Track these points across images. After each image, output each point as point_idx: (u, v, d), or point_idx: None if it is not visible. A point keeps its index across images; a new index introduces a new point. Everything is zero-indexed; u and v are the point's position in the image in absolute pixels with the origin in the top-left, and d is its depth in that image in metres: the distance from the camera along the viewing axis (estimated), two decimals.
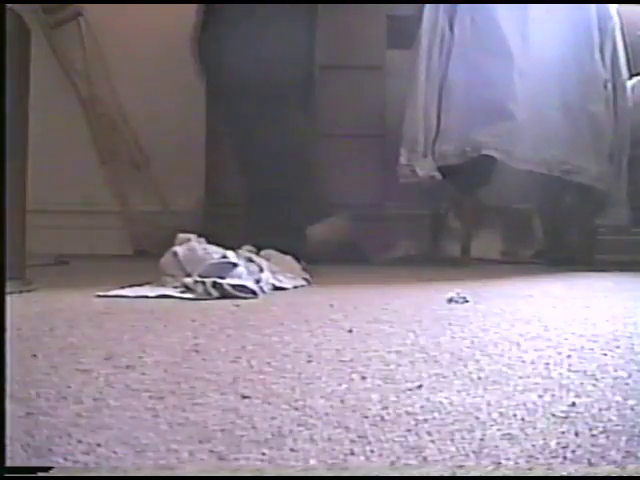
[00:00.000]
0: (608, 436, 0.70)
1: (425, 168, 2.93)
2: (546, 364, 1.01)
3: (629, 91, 3.11)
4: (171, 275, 2.00)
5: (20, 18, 2.03)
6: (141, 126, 3.62)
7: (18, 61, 1.98)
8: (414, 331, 1.29)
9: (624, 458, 0.64)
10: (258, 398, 0.84)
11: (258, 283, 1.92)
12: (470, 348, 1.14)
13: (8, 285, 0.81)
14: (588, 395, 0.85)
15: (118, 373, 0.96)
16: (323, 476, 0.62)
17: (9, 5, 1.88)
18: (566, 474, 0.61)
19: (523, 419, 0.76)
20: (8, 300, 0.77)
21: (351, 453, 0.66)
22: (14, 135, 1.91)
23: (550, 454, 0.65)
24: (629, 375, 0.95)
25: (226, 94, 2.81)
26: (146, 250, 3.32)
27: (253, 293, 1.84)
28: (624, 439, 0.69)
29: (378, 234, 3.43)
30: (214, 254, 2.01)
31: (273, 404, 0.81)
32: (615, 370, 0.98)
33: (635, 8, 3.22)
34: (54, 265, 2.86)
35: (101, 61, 3.61)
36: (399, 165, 2.96)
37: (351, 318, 1.47)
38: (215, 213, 3.35)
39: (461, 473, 0.61)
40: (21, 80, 2.01)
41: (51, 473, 0.61)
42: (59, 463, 0.63)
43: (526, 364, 1.02)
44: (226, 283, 1.83)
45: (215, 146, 3.38)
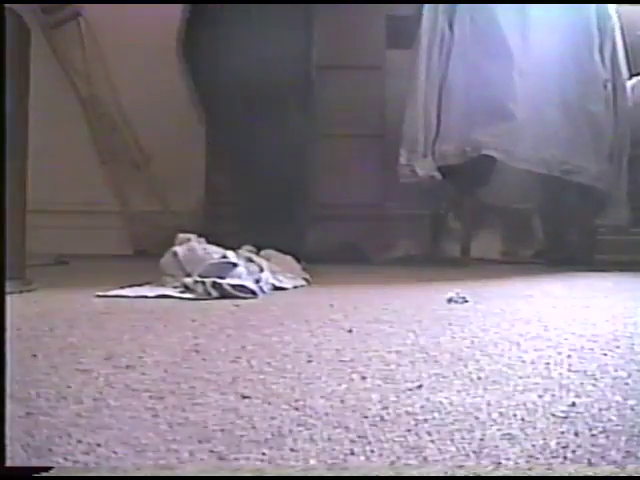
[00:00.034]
0: (608, 436, 0.70)
1: (425, 168, 2.93)
2: (546, 364, 1.01)
3: (629, 91, 3.11)
4: (171, 275, 2.00)
5: (20, 18, 2.03)
6: (141, 126, 3.62)
7: (18, 61, 1.98)
8: (414, 331, 1.29)
9: (624, 458, 0.64)
10: (258, 398, 0.84)
11: (258, 283, 1.92)
12: (470, 348, 1.14)
13: (8, 285, 0.81)
14: (588, 395, 0.85)
15: (118, 373, 0.96)
16: (323, 476, 0.62)
17: (9, 5, 1.88)
18: (566, 474, 0.61)
19: (523, 419, 0.76)
20: (8, 300, 0.77)
21: (351, 453, 0.66)
22: (14, 135, 1.91)
23: (550, 454, 0.65)
24: (629, 375, 0.95)
25: (212, 95, 2.81)
26: (146, 250, 3.32)
27: (253, 293, 1.84)
28: (624, 439, 0.69)
29: (378, 234, 3.43)
30: (214, 254, 2.02)
31: (273, 404, 0.81)
32: (615, 370, 0.98)
33: (635, 8, 3.22)
34: (54, 265, 2.86)
35: (101, 61, 3.61)
36: (399, 165, 2.96)
37: (351, 318, 1.47)
38: (215, 213, 3.35)
39: (461, 473, 0.61)
40: (21, 80, 2.01)
41: (51, 473, 0.61)
42: (59, 463, 0.63)
43: (526, 364, 1.02)
44: (226, 283, 1.83)
45: (215, 146, 3.38)
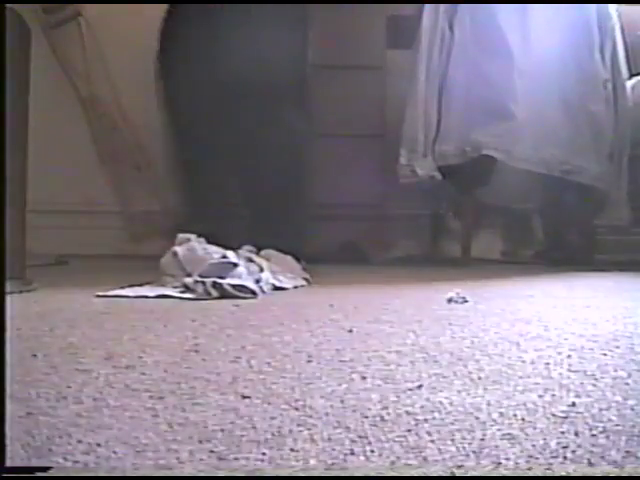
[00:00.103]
0: (608, 436, 0.70)
1: (425, 168, 2.93)
2: (546, 364, 1.01)
3: (629, 91, 3.11)
4: (171, 275, 2.00)
5: (20, 18, 2.03)
6: (141, 126, 3.61)
7: (18, 61, 1.98)
8: (414, 331, 1.29)
9: (624, 458, 0.64)
10: (258, 398, 0.84)
11: (258, 283, 1.92)
12: (470, 348, 1.13)
13: (8, 285, 0.81)
14: (588, 395, 0.85)
15: (118, 373, 0.96)
16: (323, 476, 0.62)
17: (9, 5, 1.88)
18: (566, 474, 0.61)
19: (523, 419, 0.76)
20: (8, 300, 0.77)
21: (351, 453, 0.66)
22: (14, 135, 1.91)
23: (550, 454, 0.65)
24: (629, 375, 0.95)
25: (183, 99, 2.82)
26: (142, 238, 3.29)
27: (253, 293, 1.84)
28: (624, 439, 0.69)
29: (378, 234, 3.43)
30: (214, 254, 2.02)
31: (273, 404, 0.81)
32: (615, 370, 0.98)
33: (635, 8, 3.23)
34: (54, 265, 2.86)
35: (101, 61, 3.60)
36: (399, 165, 2.96)
37: (351, 318, 1.46)
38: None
39: (461, 473, 0.61)
40: (21, 80, 2.01)
41: (51, 473, 0.61)
42: (59, 463, 0.63)
43: (526, 364, 1.02)
44: (226, 283, 1.83)
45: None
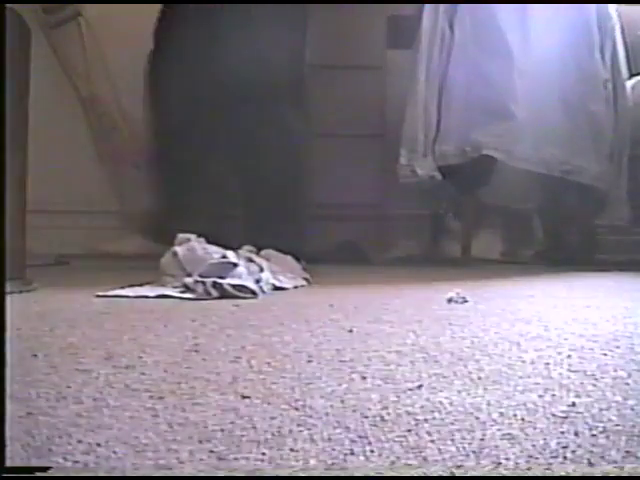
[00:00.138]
0: (608, 436, 0.70)
1: (425, 168, 2.93)
2: (546, 364, 1.01)
3: (629, 91, 3.11)
4: (171, 275, 2.00)
5: (20, 18, 2.03)
6: (141, 126, 3.61)
7: (18, 61, 1.98)
8: (414, 331, 1.29)
9: (624, 458, 0.64)
10: (258, 398, 0.84)
11: (258, 283, 1.92)
12: (470, 348, 1.13)
13: (8, 285, 0.81)
14: (588, 395, 0.85)
15: (118, 373, 0.96)
16: (323, 476, 0.62)
17: (9, 5, 1.88)
18: (566, 474, 0.61)
19: (523, 419, 0.76)
20: (8, 300, 0.77)
21: (351, 453, 0.66)
22: (14, 135, 1.91)
23: (550, 454, 0.65)
24: (629, 375, 0.95)
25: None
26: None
27: (253, 293, 1.84)
28: (624, 439, 0.69)
29: (378, 234, 3.43)
30: (214, 254, 2.01)
31: (273, 404, 0.81)
32: (615, 370, 0.97)
33: (635, 8, 3.23)
34: (54, 265, 2.86)
35: (101, 61, 3.60)
36: (399, 165, 2.96)
37: (351, 318, 1.46)
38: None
39: (461, 473, 0.61)
40: (21, 80, 2.01)
41: (50, 473, 0.61)
42: (59, 463, 0.63)
43: (526, 364, 1.02)
44: (226, 283, 1.83)
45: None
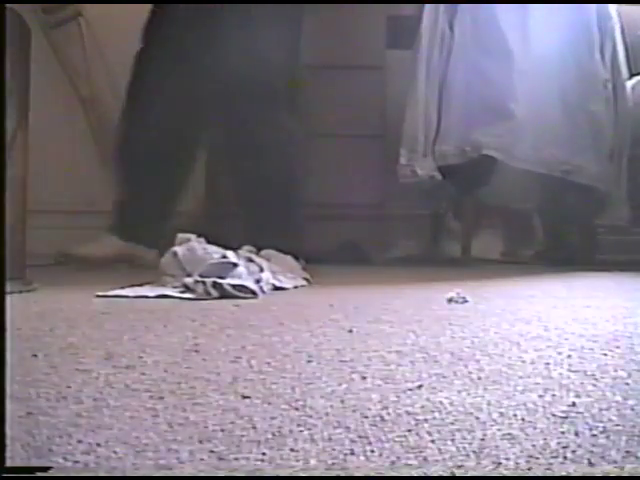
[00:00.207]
0: (608, 436, 0.70)
1: (425, 168, 2.93)
2: (546, 364, 1.01)
3: (629, 91, 3.11)
4: (171, 275, 2.00)
5: (20, 18, 2.03)
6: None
7: (18, 61, 1.98)
8: (414, 331, 1.29)
9: (624, 458, 0.64)
10: (258, 398, 0.84)
11: (258, 283, 1.92)
12: (470, 348, 1.13)
13: (8, 285, 0.81)
14: (588, 395, 0.85)
15: (118, 373, 0.96)
16: (323, 476, 0.62)
17: (9, 5, 1.88)
18: (566, 474, 0.61)
19: (523, 419, 0.76)
20: (8, 300, 0.77)
21: (351, 453, 0.66)
22: (14, 134, 1.91)
23: (550, 454, 0.65)
24: (629, 375, 0.95)
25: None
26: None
27: (253, 293, 1.84)
28: (624, 439, 0.69)
29: (378, 234, 3.43)
30: (214, 254, 2.01)
31: (273, 404, 0.81)
32: (615, 370, 0.97)
33: (635, 8, 3.23)
34: (54, 265, 2.86)
35: (101, 61, 3.60)
36: (399, 165, 2.96)
37: (351, 318, 1.46)
38: (215, 213, 3.35)
39: (461, 473, 0.61)
40: (21, 80, 2.01)
41: (50, 473, 0.61)
42: (59, 463, 0.63)
43: (526, 364, 1.02)
44: (226, 283, 1.83)
45: (215, 146, 3.38)
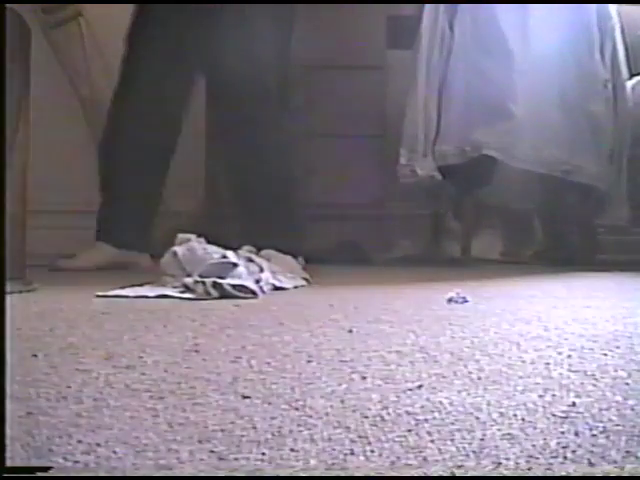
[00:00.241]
0: (608, 436, 0.70)
1: (425, 168, 2.93)
2: (546, 364, 1.01)
3: (629, 91, 3.11)
4: (171, 275, 2.00)
5: (20, 18, 2.03)
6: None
7: (18, 61, 1.98)
8: (414, 331, 1.29)
9: (624, 458, 0.64)
10: (258, 398, 0.84)
11: (258, 283, 1.92)
12: (470, 348, 1.13)
13: (8, 285, 0.81)
14: (588, 395, 0.85)
15: (118, 373, 0.96)
16: (323, 476, 0.62)
17: (9, 5, 1.88)
18: (566, 474, 0.61)
19: (523, 419, 0.76)
20: (8, 300, 0.77)
21: (351, 453, 0.66)
22: (14, 135, 1.91)
23: (550, 454, 0.65)
24: (629, 375, 0.95)
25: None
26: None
27: (253, 293, 1.84)
28: (624, 439, 0.69)
29: (378, 234, 3.43)
30: (214, 254, 2.01)
31: (273, 404, 0.81)
32: (615, 370, 0.97)
33: (635, 8, 3.23)
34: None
35: (101, 61, 3.60)
36: (399, 165, 2.96)
37: (351, 318, 1.46)
38: (215, 213, 3.35)
39: (461, 473, 0.61)
40: (21, 80, 2.01)
41: (51, 473, 0.61)
42: (59, 463, 0.63)
43: (526, 364, 1.02)
44: (226, 283, 1.83)
45: (215, 146, 3.38)
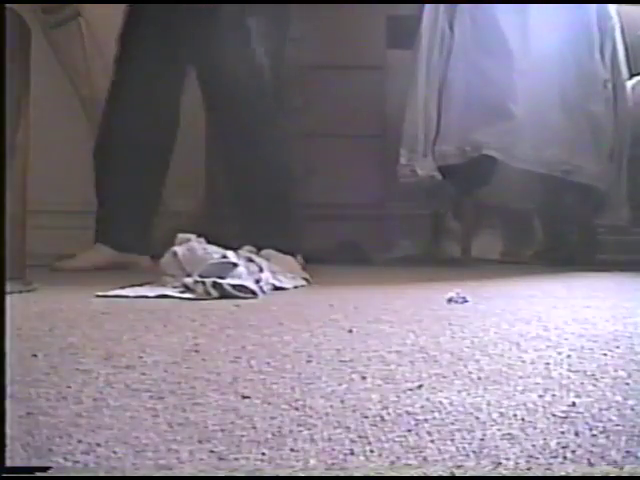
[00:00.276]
0: (608, 436, 0.70)
1: (425, 168, 2.93)
2: (546, 364, 1.01)
3: (629, 91, 3.11)
4: (171, 275, 2.00)
5: (20, 18, 2.03)
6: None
7: (18, 61, 1.98)
8: (414, 331, 1.29)
9: (624, 458, 0.64)
10: (258, 398, 0.84)
11: (258, 283, 1.92)
12: (470, 348, 1.13)
13: (8, 285, 0.81)
14: (588, 395, 0.85)
15: (118, 373, 0.96)
16: (323, 476, 0.62)
17: (9, 5, 1.88)
18: (566, 474, 0.61)
19: (523, 419, 0.76)
20: (8, 300, 0.77)
21: (351, 453, 0.66)
22: (14, 135, 1.91)
23: (550, 454, 0.65)
24: (629, 375, 0.95)
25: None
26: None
27: (253, 293, 1.84)
28: (624, 439, 0.69)
29: (378, 234, 3.43)
30: (214, 254, 2.01)
31: (273, 404, 0.81)
32: (615, 370, 0.97)
33: (635, 8, 3.23)
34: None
35: (101, 61, 3.60)
36: (399, 165, 2.96)
37: (351, 318, 1.46)
38: (215, 213, 3.35)
39: (460, 473, 0.61)
40: (21, 80, 2.01)
41: (50, 473, 0.61)
42: (59, 463, 0.63)
43: (526, 364, 1.02)
44: (226, 283, 1.83)
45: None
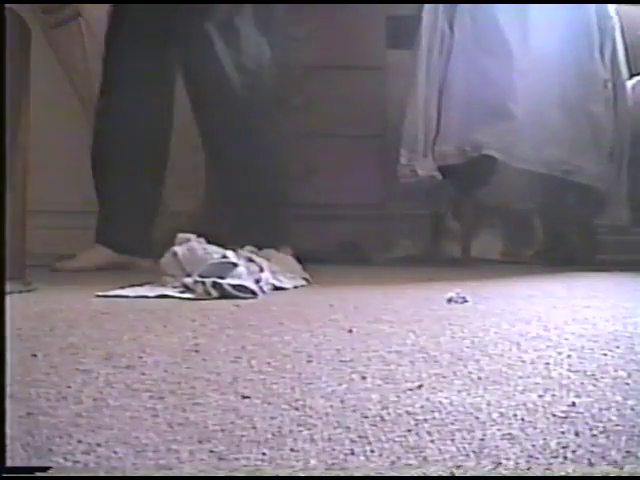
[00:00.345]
0: (608, 436, 0.70)
1: (425, 168, 2.93)
2: (546, 364, 1.01)
3: (629, 91, 3.11)
4: (171, 275, 2.00)
5: (20, 18, 2.03)
6: None
7: (18, 61, 1.98)
8: (414, 331, 1.29)
9: (624, 458, 0.64)
10: (258, 398, 0.84)
11: (258, 283, 1.92)
12: (470, 348, 1.13)
13: (8, 285, 0.81)
14: (588, 395, 0.85)
15: (118, 373, 0.96)
16: (323, 476, 0.62)
17: (9, 5, 1.88)
18: (566, 474, 0.61)
19: (523, 419, 0.76)
20: (8, 300, 0.77)
21: (351, 453, 0.66)
22: (15, 135, 1.91)
23: (550, 454, 0.65)
24: (629, 375, 0.95)
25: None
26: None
27: (253, 293, 1.84)
28: (624, 439, 0.69)
29: (378, 234, 3.43)
30: (214, 254, 2.01)
31: (273, 404, 0.81)
32: (615, 370, 0.98)
33: (635, 8, 3.23)
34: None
35: (101, 61, 3.59)
36: (399, 165, 2.96)
37: (351, 318, 1.46)
38: (215, 213, 3.35)
39: (460, 473, 0.61)
40: (21, 80, 2.01)
41: (50, 473, 0.61)
42: (59, 463, 0.63)
43: (526, 364, 1.02)
44: (226, 283, 1.83)
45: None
